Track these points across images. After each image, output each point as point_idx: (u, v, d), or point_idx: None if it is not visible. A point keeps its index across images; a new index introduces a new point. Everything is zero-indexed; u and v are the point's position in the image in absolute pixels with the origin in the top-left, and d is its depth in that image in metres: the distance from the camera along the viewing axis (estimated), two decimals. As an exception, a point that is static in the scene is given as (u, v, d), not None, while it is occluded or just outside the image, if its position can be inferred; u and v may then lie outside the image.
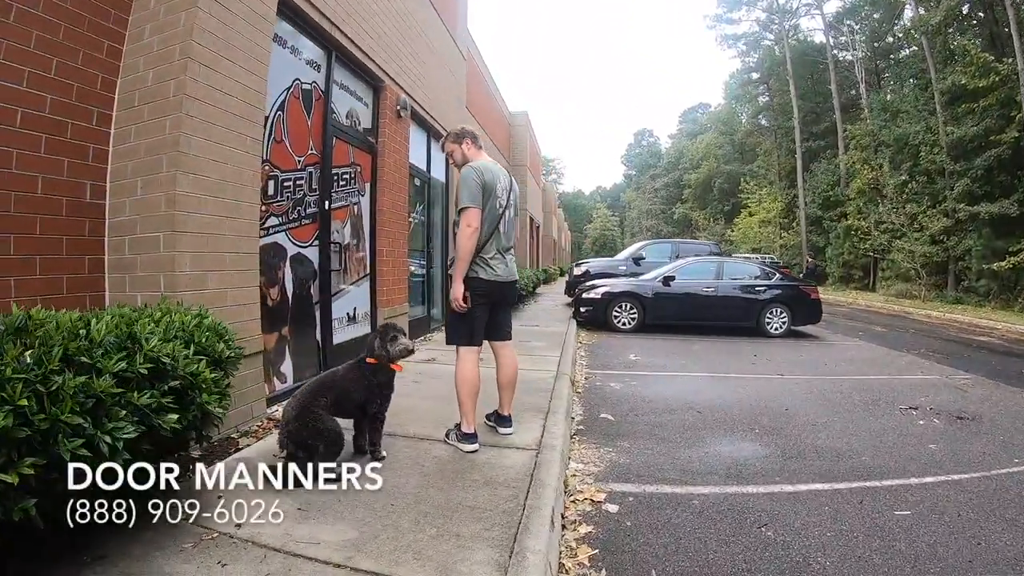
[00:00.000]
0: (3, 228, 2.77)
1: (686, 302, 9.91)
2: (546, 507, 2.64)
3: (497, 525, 2.47)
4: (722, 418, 4.66)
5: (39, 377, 1.91)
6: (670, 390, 5.62)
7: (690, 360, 7.37)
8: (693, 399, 5.24)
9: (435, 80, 7.79)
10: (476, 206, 3.33)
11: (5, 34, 2.72)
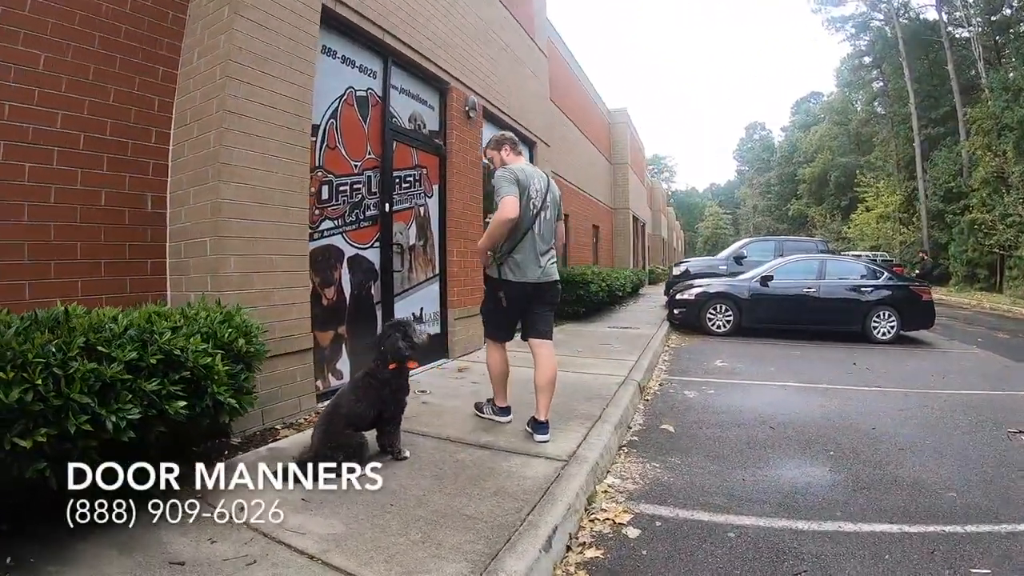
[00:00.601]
0: (70, 236, 3.17)
1: (784, 304, 9.14)
2: (545, 525, 2.45)
3: (484, 539, 2.33)
4: (796, 436, 4.10)
5: (59, 362, 2.16)
6: (748, 401, 5.09)
7: (780, 368, 6.68)
8: (770, 412, 4.69)
9: (511, 79, 7.76)
10: (511, 195, 3.40)
11: (65, 70, 3.13)
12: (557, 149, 11.67)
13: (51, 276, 3.09)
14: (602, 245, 17.91)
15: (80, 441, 2.17)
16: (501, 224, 3.39)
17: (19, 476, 2.06)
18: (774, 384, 5.83)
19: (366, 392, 3.11)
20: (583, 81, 15.85)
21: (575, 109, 14.09)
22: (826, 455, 3.70)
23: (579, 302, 9.60)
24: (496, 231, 3.43)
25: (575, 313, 9.72)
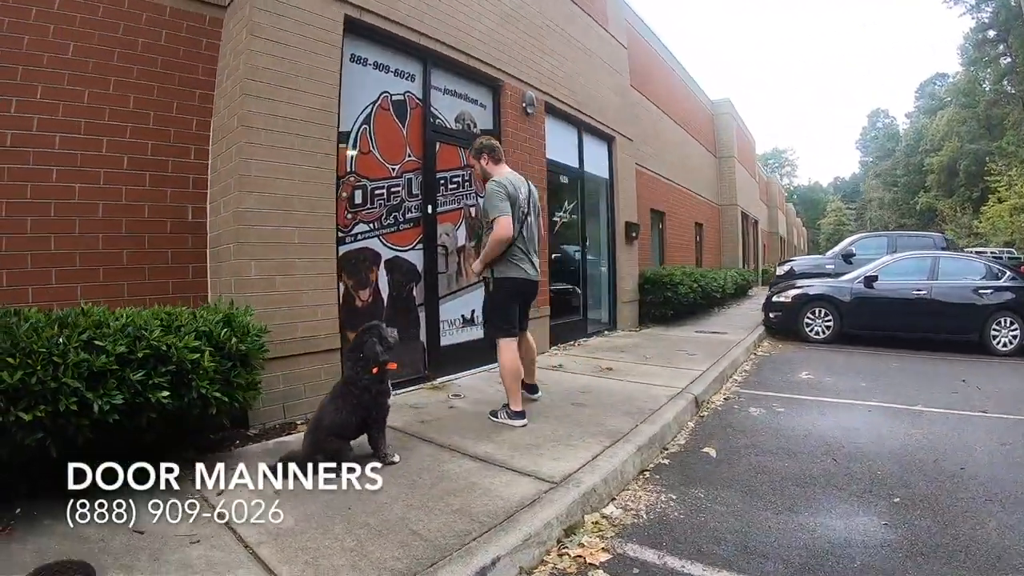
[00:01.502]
0: (116, 245, 3.68)
1: (890, 308, 8.01)
2: (484, 555, 2.29)
3: (412, 558, 2.26)
4: (860, 473, 3.40)
5: (59, 352, 2.56)
6: (819, 423, 4.38)
7: (873, 384, 5.71)
8: (839, 439, 3.99)
9: (579, 72, 7.47)
10: (506, 215, 3.77)
11: (107, 102, 3.63)
12: (647, 143, 11.12)
13: (99, 280, 3.60)
14: (707, 244, 16.75)
15: (73, 419, 2.54)
16: (500, 244, 3.80)
17: (22, 443, 2.46)
18: (858, 403, 4.98)
19: (346, 400, 3.17)
20: (679, 72, 14.96)
21: (669, 100, 13.35)
22: (888, 502, 3.00)
23: (666, 304, 9.04)
24: (493, 252, 3.84)
25: (662, 316, 9.17)
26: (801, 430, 4.21)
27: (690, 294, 9.12)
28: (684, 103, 14.97)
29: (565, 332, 7.17)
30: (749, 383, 5.81)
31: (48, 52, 3.41)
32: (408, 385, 4.95)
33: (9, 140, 3.29)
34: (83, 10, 3.52)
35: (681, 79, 15.07)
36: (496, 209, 3.77)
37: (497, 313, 4.01)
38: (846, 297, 8.27)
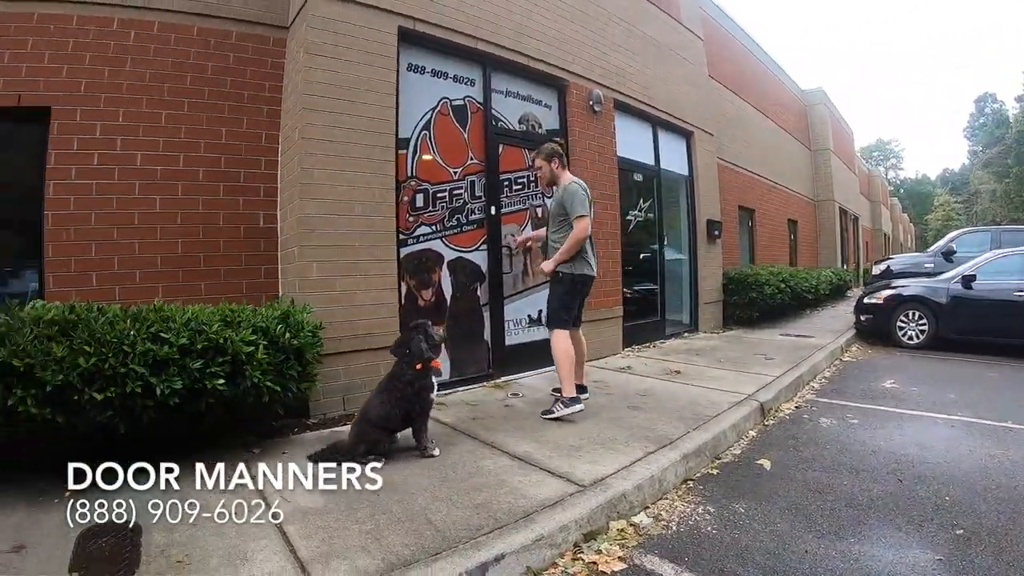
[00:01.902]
0: (193, 249, 4.05)
1: (990, 310, 7.12)
2: (489, 550, 2.25)
3: (420, 547, 2.26)
4: (926, 497, 2.94)
5: (129, 342, 2.87)
6: (894, 438, 3.89)
7: (962, 395, 5.01)
8: (912, 457, 3.51)
9: (650, 67, 7.17)
10: (587, 215, 4.03)
11: (182, 122, 4.02)
12: (732, 137, 10.51)
13: (179, 280, 3.98)
14: (802, 242, 15.51)
15: (138, 400, 2.83)
16: (581, 241, 4.03)
17: (94, 419, 2.78)
18: (941, 417, 4.38)
19: (391, 394, 3.27)
20: (766, 62, 14.03)
21: (756, 92, 12.55)
22: (950, 534, 2.56)
23: (751, 305, 8.43)
24: (575, 248, 4.04)
25: (746, 318, 8.56)
26: (871, 445, 3.76)
27: (777, 295, 8.48)
28: (773, 94, 14.06)
29: (641, 334, 6.89)
30: (826, 391, 5.31)
31: (127, 80, 3.86)
32: (470, 383, 4.98)
33: (96, 160, 3.74)
34: (156, 41, 3.96)
35: (769, 70, 14.16)
36: (582, 207, 4.00)
37: (563, 306, 4.12)
38: (942, 298, 7.44)
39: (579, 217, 3.98)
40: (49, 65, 3.63)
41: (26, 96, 3.57)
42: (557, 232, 4.14)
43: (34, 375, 2.67)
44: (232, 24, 4.20)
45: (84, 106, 3.70)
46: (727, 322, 8.57)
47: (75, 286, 3.60)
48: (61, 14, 3.69)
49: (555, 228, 4.16)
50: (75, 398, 2.73)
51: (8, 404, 2.62)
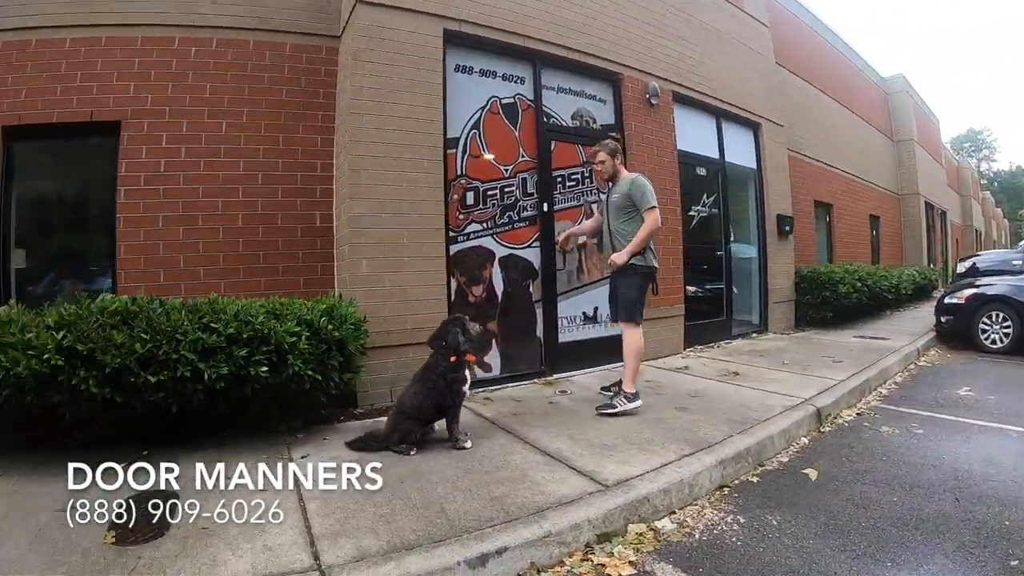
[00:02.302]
0: (254, 248, 4.30)
1: None
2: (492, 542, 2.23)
3: (426, 534, 2.29)
4: (984, 519, 2.57)
5: (183, 331, 3.09)
6: (959, 452, 3.48)
7: None
8: (975, 474, 3.11)
9: (712, 57, 6.85)
10: (657, 207, 4.10)
11: (241, 130, 4.29)
12: (806, 128, 9.89)
13: (240, 276, 4.23)
14: (885, 239, 14.27)
15: (188, 383, 3.05)
16: (654, 232, 4.12)
17: (148, 400, 3.03)
18: (1016, 431, 3.87)
19: (424, 385, 3.34)
20: (843, 49, 13.11)
21: (831, 81, 11.76)
22: (1003, 564, 2.20)
23: (825, 305, 7.83)
24: (648, 238, 4.10)
25: (820, 319, 7.95)
26: (932, 458, 3.38)
27: (852, 294, 7.83)
28: (849, 82, 13.09)
29: (704, 333, 6.57)
30: (894, 397, 4.86)
31: (189, 93, 4.17)
32: (521, 380, 4.94)
33: (162, 167, 4.07)
34: (215, 56, 4.26)
35: (844, 56, 13.21)
36: (653, 198, 4.08)
37: (638, 299, 4.15)
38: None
39: (651, 208, 4.05)
40: (118, 83, 4.02)
41: (98, 112, 3.97)
42: (623, 223, 4.14)
43: (95, 358, 2.91)
44: (286, 36, 4.45)
45: (150, 119, 4.05)
46: (799, 323, 8.03)
47: (144, 282, 3.90)
48: (127, 36, 4.08)
49: (621, 219, 4.17)
50: (132, 380, 2.97)
51: (73, 383, 2.87)
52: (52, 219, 4.34)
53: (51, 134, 4.04)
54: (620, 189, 4.20)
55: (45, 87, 3.92)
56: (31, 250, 4.22)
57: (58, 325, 2.98)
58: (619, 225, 4.17)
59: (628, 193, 4.12)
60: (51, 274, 4.25)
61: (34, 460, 3.00)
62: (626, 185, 4.16)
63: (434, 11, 4.50)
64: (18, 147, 4.04)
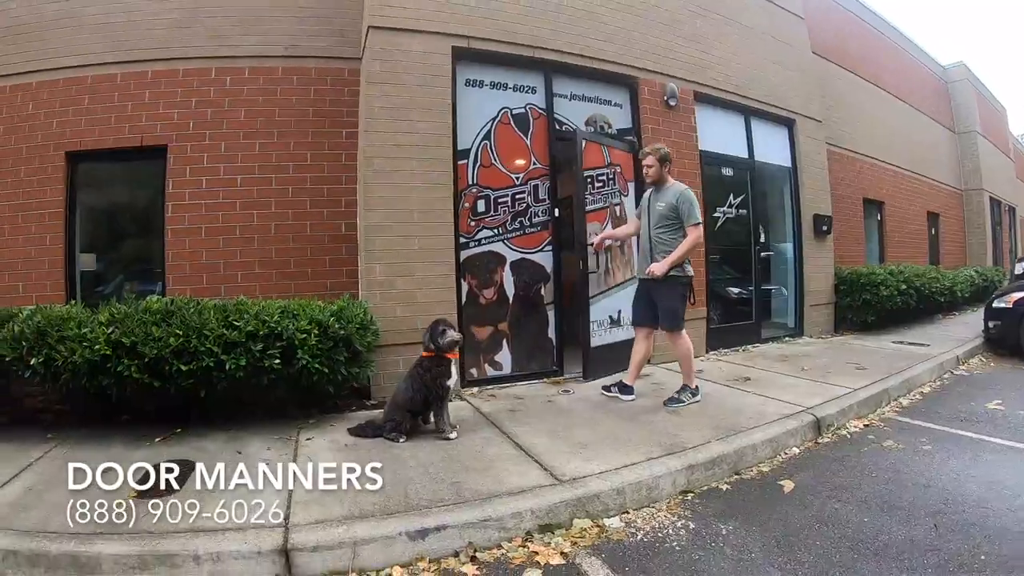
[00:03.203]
0: (286, 254, 4.84)
1: None
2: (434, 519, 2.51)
3: (380, 508, 2.60)
4: (955, 550, 2.39)
5: (209, 328, 3.59)
6: (961, 473, 3.27)
7: None
8: (969, 499, 2.90)
9: (737, 53, 6.70)
10: (702, 222, 4.34)
11: (273, 148, 4.84)
12: (852, 121, 9.38)
13: (272, 280, 4.77)
14: (945, 238, 13.17)
15: (213, 372, 3.55)
16: (695, 248, 4.37)
17: (180, 384, 3.55)
18: None
19: (412, 380, 3.67)
20: (893, 37, 12.11)
21: (881, 70, 10.98)
22: None
23: (866, 308, 7.40)
24: (690, 253, 4.32)
25: (861, 322, 7.53)
26: (928, 478, 3.21)
27: (896, 297, 7.35)
28: (903, 72, 12.15)
29: (729, 337, 6.47)
30: (914, 409, 4.60)
31: (225, 118, 4.75)
32: (532, 379, 5.14)
33: (204, 184, 4.67)
34: (248, 83, 4.82)
35: (897, 44, 12.25)
36: (699, 214, 4.28)
37: (681, 307, 4.36)
38: None
39: (696, 224, 4.21)
40: (163, 111, 4.67)
41: (147, 137, 4.65)
42: (664, 232, 4.30)
43: (137, 349, 3.45)
44: (311, 61, 4.96)
45: (193, 142, 4.67)
46: (839, 327, 7.67)
47: (189, 285, 4.52)
48: (170, 69, 4.73)
49: (662, 228, 4.31)
50: (167, 368, 3.49)
51: (118, 370, 3.43)
52: (112, 230, 5.09)
53: (108, 158, 4.78)
54: (666, 198, 4.32)
55: (101, 117, 4.64)
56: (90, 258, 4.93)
57: (109, 321, 3.56)
58: (659, 233, 4.32)
59: (675, 204, 4.26)
60: (116, 277, 4.98)
61: (87, 433, 3.62)
62: (673, 196, 4.29)
63: (442, 30, 4.83)
64: (81, 168, 4.78)
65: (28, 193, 4.59)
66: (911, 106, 12.20)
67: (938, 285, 8.44)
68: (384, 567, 2.38)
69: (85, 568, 2.27)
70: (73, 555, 2.29)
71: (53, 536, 2.39)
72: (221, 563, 2.31)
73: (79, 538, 2.36)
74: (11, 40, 4.77)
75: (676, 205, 4.23)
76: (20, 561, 2.31)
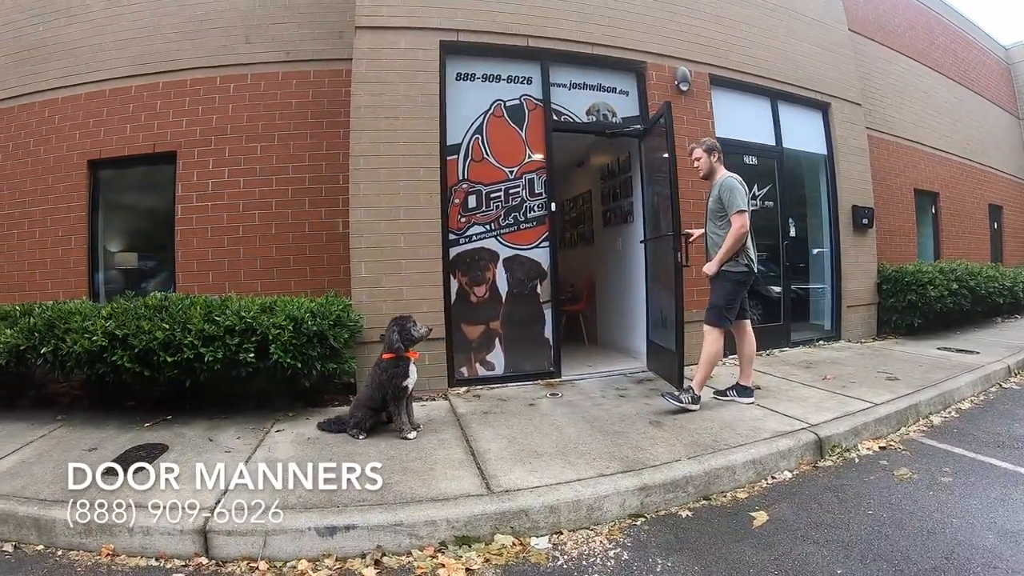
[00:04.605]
0: (286, 253, 5.10)
1: None
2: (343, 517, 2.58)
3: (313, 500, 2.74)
4: None
5: (192, 322, 3.88)
6: (979, 516, 2.70)
7: None
8: (983, 553, 2.35)
9: (760, 33, 6.18)
10: (746, 210, 4.04)
11: (273, 151, 5.07)
12: (899, 105, 8.44)
13: (273, 277, 5.04)
14: (1010, 232, 11.58)
15: (195, 363, 3.82)
16: (742, 238, 4.02)
17: (167, 374, 3.87)
18: None
19: (373, 379, 3.76)
20: (946, 14, 10.63)
21: (933, 50, 9.78)
22: None
23: (911, 310, 6.60)
24: (736, 245, 4.02)
25: (907, 326, 6.74)
26: (935, 521, 2.67)
27: (946, 298, 6.48)
28: (957, 52, 10.68)
29: (758, 338, 5.90)
30: (945, 429, 3.99)
31: (229, 123, 5.04)
32: (526, 380, 5.06)
33: (210, 187, 5.01)
34: (250, 89, 5.08)
35: (950, 22, 10.56)
36: (742, 201, 4.02)
37: (726, 304, 4.11)
38: None
39: (738, 212, 3.98)
40: (173, 119, 5.03)
41: (159, 144, 5.04)
42: (716, 227, 4.17)
43: (128, 341, 3.80)
44: (309, 64, 5.16)
45: (200, 147, 5.01)
46: (882, 330, 6.94)
47: (197, 282, 4.89)
48: (178, 80, 5.08)
49: (714, 222, 4.19)
50: (154, 359, 3.81)
51: (113, 359, 3.80)
52: (131, 230, 5.58)
53: (124, 164, 5.24)
54: (713, 192, 4.21)
55: (118, 127, 5.10)
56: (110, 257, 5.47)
57: (108, 315, 3.96)
58: (715, 230, 4.20)
59: (719, 196, 4.11)
60: (137, 273, 5.47)
61: (91, 416, 4.06)
62: (717, 187, 4.16)
63: (429, 25, 4.87)
64: (101, 174, 5.28)
65: (55, 198, 5.15)
66: (968, 88, 10.79)
67: (996, 285, 7.36)
68: (292, 559, 2.50)
69: (43, 530, 2.61)
70: (35, 518, 2.64)
71: (23, 500, 2.74)
72: (150, 536, 2.56)
73: (43, 504, 2.69)
74: (41, 59, 5.35)
75: (719, 196, 4.09)
76: (-8, 518, 2.71)
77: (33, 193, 5.20)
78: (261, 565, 2.47)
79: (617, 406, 4.24)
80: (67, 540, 2.60)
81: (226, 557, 2.52)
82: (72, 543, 2.59)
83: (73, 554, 2.56)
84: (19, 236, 5.31)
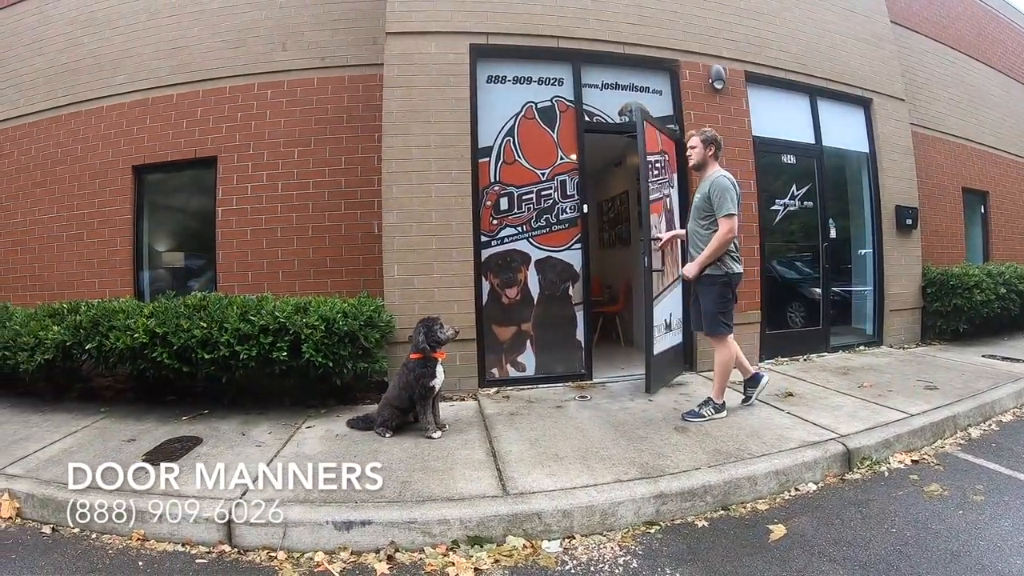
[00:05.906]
0: (322, 254, 5.22)
1: None
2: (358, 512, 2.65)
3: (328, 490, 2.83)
4: None
5: (229, 321, 3.99)
6: (1014, 540, 2.50)
7: None
8: None
9: (798, 27, 6.00)
10: (737, 213, 3.89)
11: (309, 155, 5.20)
12: (946, 100, 8.07)
13: (310, 277, 5.16)
14: None
15: (231, 360, 3.96)
16: (727, 244, 3.88)
17: (204, 371, 4.03)
18: None
19: (399, 379, 3.80)
20: (995, 4, 10.01)
21: (982, 42, 9.23)
22: None
23: (956, 315, 6.25)
24: (720, 251, 3.88)
25: (952, 331, 6.39)
26: (962, 543, 2.49)
27: (993, 302, 6.12)
28: (1008, 43, 10.04)
29: (789, 344, 5.84)
30: (983, 443, 3.74)
31: (267, 129, 5.18)
32: (558, 381, 5.04)
33: (249, 190, 5.14)
34: (287, 95, 5.21)
35: (999, 13, 10.07)
36: (732, 204, 3.83)
37: (720, 311, 3.97)
38: None
39: (727, 216, 3.80)
40: (213, 126, 5.20)
41: (200, 150, 5.21)
42: (700, 226, 4.00)
43: (168, 338, 3.93)
44: (344, 70, 5.27)
45: (239, 152, 5.17)
46: (926, 335, 6.60)
47: (236, 282, 5.04)
48: (218, 87, 5.26)
49: (698, 221, 4.02)
50: (192, 355, 3.95)
51: (153, 355, 3.95)
52: (176, 231, 5.79)
53: (168, 169, 5.46)
54: (701, 188, 4.03)
55: (161, 133, 5.30)
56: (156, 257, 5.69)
57: (150, 314, 4.10)
58: (697, 228, 4.03)
59: (708, 194, 3.91)
60: (184, 272, 5.67)
61: (133, 409, 4.23)
62: (707, 184, 3.94)
63: (458, 29, 4.92)
64: (146, 179, 5.50)
65: (102, 202, 5.39)
66: (1020, 82, 10.13)
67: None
68: (310, 550, 2.56)
69: (80, 513, 2.71)
70: (72, 503, 2.74)
71: (61, 487, 2.87)
72: (178, 523, 2.65)
73: (80, 491, 2.80)
74: (87, 70, 5.61)
75: (708, 195, 3.87)
76: (35, 503, 2.85)
77: (81, 197, 5.46)
78: (280, 555, 2.53)
79: (644, 410, 4.16)
80: (101, 525, 2.71)
81: (248, 546, 2.60)
82: (106, 527, 2.71)
83: (106, 538, 2.68)
84: (68, 238, 5.58)
